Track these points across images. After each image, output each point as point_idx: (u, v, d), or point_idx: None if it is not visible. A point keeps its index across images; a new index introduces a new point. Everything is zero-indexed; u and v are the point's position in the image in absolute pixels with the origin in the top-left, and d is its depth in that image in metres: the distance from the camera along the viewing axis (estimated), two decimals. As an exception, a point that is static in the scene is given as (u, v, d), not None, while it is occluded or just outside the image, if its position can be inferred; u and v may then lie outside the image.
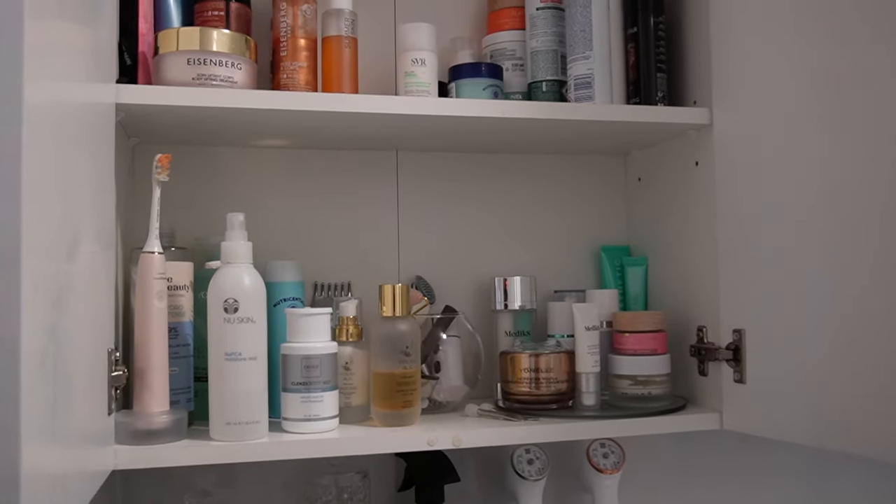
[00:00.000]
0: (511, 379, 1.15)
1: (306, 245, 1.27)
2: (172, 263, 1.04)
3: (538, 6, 1.24)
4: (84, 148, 0.80)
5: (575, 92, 1.18)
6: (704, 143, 1.19)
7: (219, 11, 1.15)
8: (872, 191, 0.91)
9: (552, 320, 1.25)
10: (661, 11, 1.21)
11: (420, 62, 1.15)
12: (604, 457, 1.26)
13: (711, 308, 1.17)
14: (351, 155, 1.31)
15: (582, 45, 1.18)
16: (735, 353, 1.11)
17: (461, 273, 1.34)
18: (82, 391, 0.77)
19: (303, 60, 1.12)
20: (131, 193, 1.16)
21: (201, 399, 1.07)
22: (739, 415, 1.12)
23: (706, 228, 1.18)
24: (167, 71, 1.03)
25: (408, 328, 1.08)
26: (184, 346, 1.06)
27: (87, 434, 0.81)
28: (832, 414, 0.96)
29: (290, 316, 1.05)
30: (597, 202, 1.42)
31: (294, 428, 1.03)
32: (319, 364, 1.03)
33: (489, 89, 1.20)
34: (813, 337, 0.99)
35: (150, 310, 0.98)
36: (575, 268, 1.40)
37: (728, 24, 1.13)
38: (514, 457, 1.23)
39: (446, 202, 1.35)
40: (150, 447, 0.96)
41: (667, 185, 1.30)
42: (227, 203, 1.22)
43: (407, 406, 1.07)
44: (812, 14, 0.99)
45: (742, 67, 1.11)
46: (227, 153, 1.26)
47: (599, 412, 1.13)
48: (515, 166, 1.38)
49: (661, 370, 1.16)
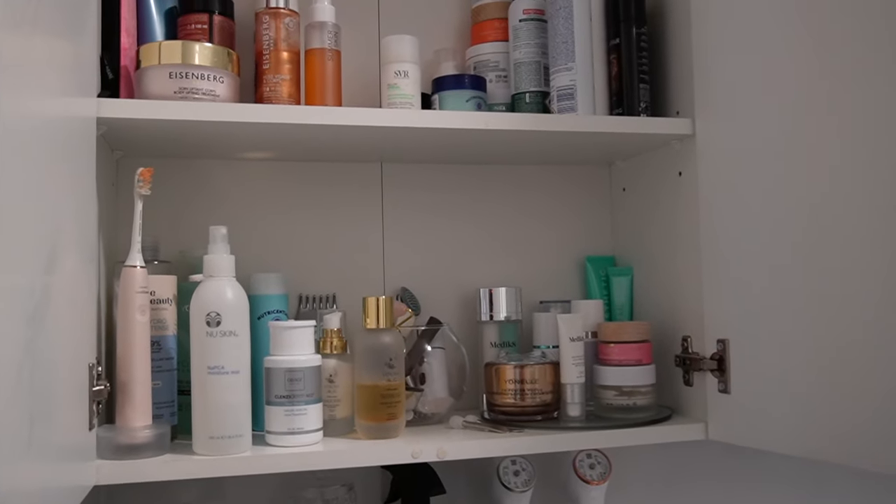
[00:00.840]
0: (496, 390, 1.15)
1: (291, 257, 1.27)
2: (156, 277, 1.04)
3: (521, 18, 1.25)
4: (64, 162, 0.80)
5: (558, 103, 1.19)
6: (687, 154, 1.19)
7: (202, 24, 1.15)
8: (855, 200, 0.91)
9: (538, 331, 1.25)
10: (644, 22, 1.21)
11: (403, 74, 1.15)
12: (590, 467, 1.26)
13: (696, 318, 1.17)
14: (335, 167, 1.31)
15: (564, 57, 1.18)
16: (719, 363, 1.11)
17: (446, 284, 1.34)
18: (62, 405, 0.77)
19: (286, 73, 1.12)
20: (115, 206, 1.16)
21: (185, 413, 1.06)
22: (724, 425, 1.12)
23: (690, 238, 1.18)
24: (149, 85, 1.03)
25: (391, 340, 1.08)
26: (167, 359, 1.06)
27: (67, 449, 0.81)
28: (816, 424, 0.97)
29: (274, 329, 1.04)
30: (582, 212, 1.42)
31: (278, 441, 1.02)
32: (303, 377, 1.02)
33: (472, 101, 1.20)
34: (796, 347, 0.99)
35: (131, 324, 0.97)
36: (560, 278, 1.40)
37: (710, 34, 1.14)
38: (501, 468, 1.23)
39: (431, 213, 1.35)
40: (133, 462, 0.95)
41: (651, 195, 1.30)
42: (211, 215, 1.22)
43: (391, 418, 1.07)
44: (794, 25, 1.00)
45: (724, 78, 1.11)
46: (210, 166, 1.26)
47: (585, 423, 1.13)
48: (500, 177, 1.38)
49: (646, 381, 1.16)
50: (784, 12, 1.01)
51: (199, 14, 1.15)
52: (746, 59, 1.07)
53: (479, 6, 1.31)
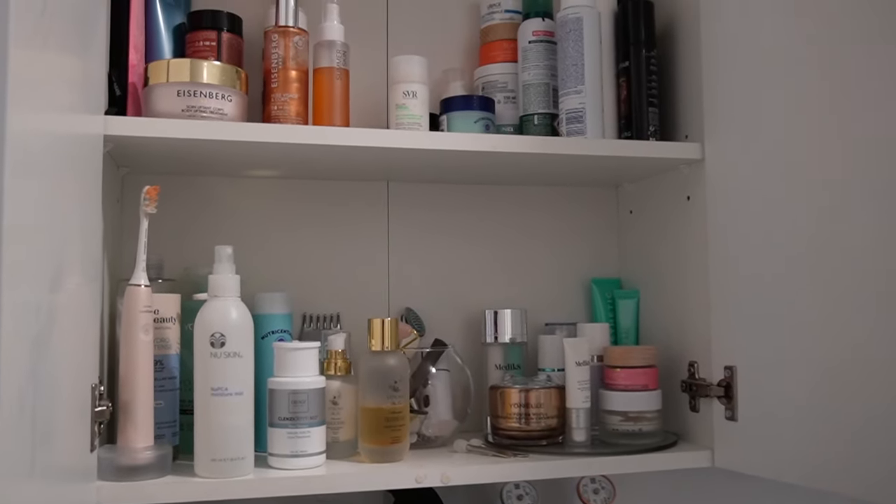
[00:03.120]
0: (501, 414, 1.14)
1: (295, 275, 1.26)
2: (160, 295, 1.03)
3: (531, 39, 1.24)
4: (70, 178, 0.79)
5: (567, 126, 1.18)
6: (696, 178, 1.18)
7: (210, 42, 1.15)
8: (866, 227, 0.91)
9: (543, 354, 1.24)
10: (653, 46, 1.21)
11: (412, 94, 1.15)
12: (594, 492, 1.25)
13: (703, 343, 1.16)
14: (341, 185, 1.30)
15: (574, 80, 1.18)
16: (727, 389, 1.10)
17: (451, 305, 1.33)
18: (64, 427, 0.76)
19: (294, 92, 1.11)
20: (119, 223, 1.15)
21: (187, 433, 1.05)
22: (731, 452, 1.11)
23: (698, 263, 1.17)
24: (157, 102, 1.02)
25: (396, 363, 1.07)
26: (170, 378, 1.05)
27: (69, 470, 0.80)
28: (824, 453, 0.96)
29: (278, 350, 1.04)
30: (588, 234, 1.41)
31: (280, 464, 1.01)
32: (307, 399, 1.01)
33: (481, 122, 1.19)
34: (805, 374, 0.98)
35: (135, 343, 0.96)
36: (566, 300, 1.39)
37: (719, 58, 1.13)
38: (504, 492, 1.22)
39: (437, 233, 1.35)
40: (134, 483, 0.94)
41: (658, 218, 1.30)
42: (216, 233, 1.21)
43: (395, 442, 1.06)
44: (804, 50, 0.99)
45: (733, 102, 1.11)
46: (216, 183, 1.25)
47: (590, 449, 1.12)
48: (506, 198, 1.38)
49: (652, 406, 1.15)
50: (794, 38, 1.01)
51: (207, 31, 1.15)
52: (756, 84, 1.06)
53: (488, 27, 1.31)
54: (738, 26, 1.10)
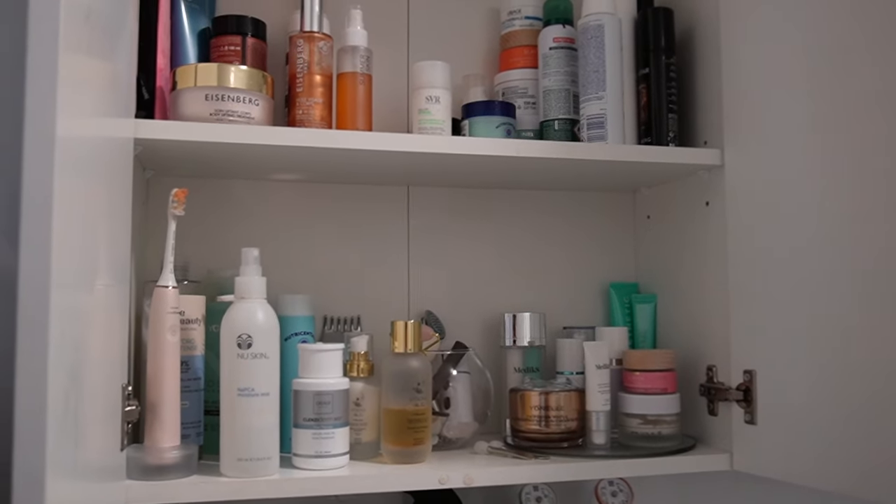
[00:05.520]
0: (521, 416, 1.15)
1: (315, 278, 1.27)
2: (185, 297, 1.04)
3: (551, 46, 1.25)
4: (103, 182, 0.80)
5: (588, 131, 1.19)
6: (715, 184, 1.19)
7: (235, 46, 1.16)
8: (889, 231, 0.91)
9: (561, 357, 1.25)
10: (673, 53, 1.22)
11: (435, 100, 1.16)
12: (612, 495, 1.26)
13: (721, 348, 1.17)
14: (362, 189, 1.31)
15: (595, 86, 1.19)
16: (746, 393, 1.11)
17: (470, 308, 1.34)
18: (98, 427, 0.77)
19: (318, 96, 1.12)
20: (145, 225, 1.16)
21: (210, 433, 1.06)
22: (750, 456, 1.12)
23: (717, 267, 1.18)
24: (185, 106, 1.04)
25: (420, 365, 1.08)
26: (195, 379, 1.06)
27: (102, 470, 0.81)
28: (845, 458, 0.96)
29: (303, 352, 1.04)
30: (605, 239, 1.42)
31: (305, 465, 1.02)
32: (331, 400, 1.02)
33: (502, 127, 1.20)
34: (827, 378, 0.99)
35: (163, 344, 0.98)
36: (583, 304, 1.40)
37: (739, 65, 1.14)
38: (523, 494, 1.23)
39: (456, 237, 1.36)
40: (162, 483, 0.95)
41: (676, 223, 1.30)
42: (238, 235, 1.23)
43: (418, 443, 1.07)
44: (824, 53, 1.00)
45: (753, 108, 1.12)
46: (239, 186, 1.27)
47: (610, 451, 1.13)
48: (525, 202, 1.39)
49: (671, 409, 1.15)
50: (815, 43, 1.02)
51: (232, 36, 1.16)
52: (777, 89, 1.07)
53: (509, 33, 1.32)
54: (758, 33, 1.11)
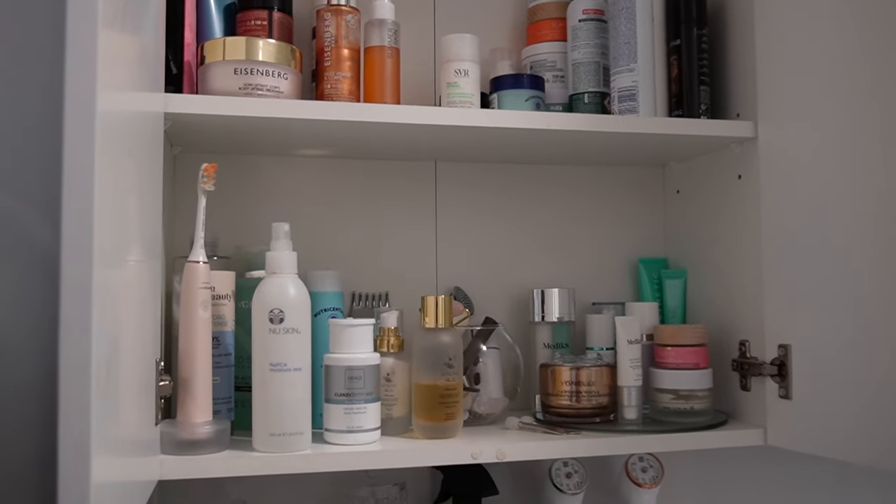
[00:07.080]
0: (552, 392, 1.15)
1: (344, 254, 1.27)
2: (215, 273, 1.04)
3: (581, 18, 1.24)
4: (135, 157, 0.80)
5: (619, 104, 1.18)
6: (748, 157, 1.18)
7: (261, 21, 1.15)
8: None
9: (591, 333, 1.24)
10: (704, 24, 1.20)
11: (463, 73, 1.14)
12: (642, 471, 1.25)
13: (754, 322, 1.16)
14: (390, 165, 1.31)
15: (626, 58, 1.17)
16: (780, 368, 1.10)
17: (498, 284, 1.34)
18: (133, 402, 0.77)
19: (346, 70, 1.11)
20: (173, 201, 1.16)
21: (240, 409, 1.07)
22: (784, 431, 1.11)
23: (749, 241, 1.17)
24: (214, 80, 1.03)
25: (451, 340, 1.08)
26: (225, 355, 1.06)
27: (138, 444, 0.81)
28: (882, 431, 0.95)
29: (334, 327, 1.04)
30: (634, 214, 1.41)
31: (337, 440, 1.02)
32: (363, 375, 1.02)
33: (531, 100, 1.19)
34: (863, 352, 0.98)
35: (195, 319, 0.98)
36: (612, 280, 1.39)
37: (774, 36, 1.12)
38: (553, 470, 1.22)
39: (484, 212, 1.35)
40: (195, 457, 0.96)
41: (707, 197, 1.29)
42: (266, 211, 1.22)
43: (449, 418, 1.06)
44: (862, 23, 0.98)
45: (788, 80, 1.10)
46: (266, 162, 1.26)
47: (642, 426, 1.12)
48: (552, 177, 1.38)
49: (703, 385, 1.15)
50: (851, 14, 1.00)
51: (258, 10, 1.15)
52: (812, 61, 1.05)
53: (536, 6, 1.31)
54: (794, 4, 1.09)
